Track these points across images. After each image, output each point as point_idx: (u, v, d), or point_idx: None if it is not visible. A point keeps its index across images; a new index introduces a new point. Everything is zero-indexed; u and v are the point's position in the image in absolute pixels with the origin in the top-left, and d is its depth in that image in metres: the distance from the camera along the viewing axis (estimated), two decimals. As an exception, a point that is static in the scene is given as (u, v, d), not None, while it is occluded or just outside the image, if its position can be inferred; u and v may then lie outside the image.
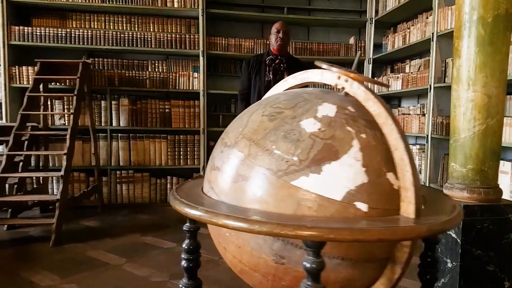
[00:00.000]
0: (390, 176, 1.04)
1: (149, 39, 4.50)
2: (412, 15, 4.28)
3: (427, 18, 3.79)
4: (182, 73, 4.63)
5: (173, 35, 4.53)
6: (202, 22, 4.47)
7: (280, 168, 1.01)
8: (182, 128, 4.63)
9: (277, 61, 3.14)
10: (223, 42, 4.63)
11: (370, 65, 4.70)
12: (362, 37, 5.02)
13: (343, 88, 1.17)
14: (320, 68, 1.23)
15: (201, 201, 1.09)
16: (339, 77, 1.17)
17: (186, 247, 1.32)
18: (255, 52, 4.64)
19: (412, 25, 4.11)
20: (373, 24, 4.75)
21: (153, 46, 4.51)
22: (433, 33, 3.56)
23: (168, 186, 4.64)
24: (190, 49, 4.55)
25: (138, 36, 4.49)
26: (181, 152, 4.65)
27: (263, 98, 1.41)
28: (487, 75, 2.03)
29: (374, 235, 0.88)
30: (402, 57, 4.66)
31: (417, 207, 1.01)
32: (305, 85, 1.37)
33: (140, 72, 4.56)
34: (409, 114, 4.26)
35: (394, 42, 4.36)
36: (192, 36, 4.55)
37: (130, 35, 4.47)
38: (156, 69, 4.69)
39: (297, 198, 0.98)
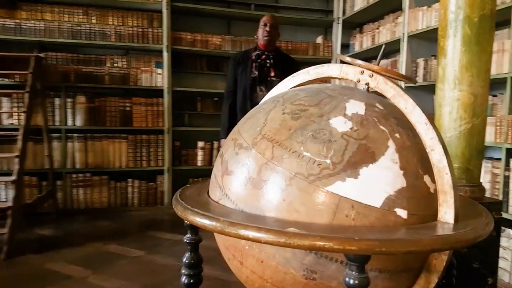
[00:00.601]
0: (426, 179, 0.96)
1: (108, 32, 4.23)
2: (379, 16, 4.32)
3: (396, 18, 3.83)
4: (144, 69, 4.39)
5: (134, 29, 4.29)
6: (167, 16, 4.26)
7: (311, 172, 0.89)
8: (144, 127, 4.39)
9: (263, 56, 2.91)
10: (189, 37, 4.45)
11: (337, 65, 4.70)
12: (328, 37, 5.02)
13: (367, 84, 1.07)
14: (344, 62, 1.13)
15: (218, 211, 0.96)
16: (362, 72, 1.08)
17: (187, 261, 1.17)
18: (222, 49, 4.50)
19: (381, 26, 4.15)
20: (340, 24, 4.76)
21: (112, 40, 4.24)
22: (403, 34, 3.60)
23: (129, 189, 4.37)
24: (153, 43, 4.32)
25: (96, 29, 4.21)
26: (143, 153, 4.41)
27: (271, 95, 1.29)
28: (473, 75, 2.03)
29: (427, 246, 0.80)
30: (368, 57, 4.70)
31: (456, 212, 0.94)
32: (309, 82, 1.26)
33: (98, 68, 4.28)
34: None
35: (362, 42, 4.38)
36: (155, 30, 4.33)
37: (87, 28, 4.18)
38: (116, 65, 4.41)
39: (332, 206, 0.87)
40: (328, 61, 4.79)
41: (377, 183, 0.89)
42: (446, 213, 0.94)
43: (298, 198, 0.89)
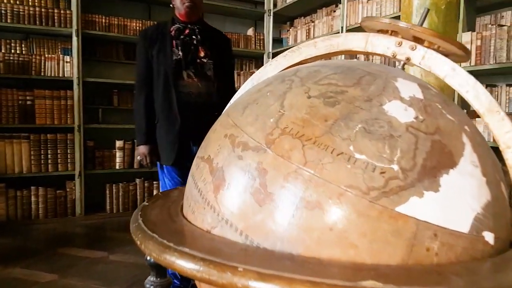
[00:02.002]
0: (502, 187, 0.70)
1: (3, 12, 3.52)
2: (311, 10, 4.19)
3: (334, 11, 3.70)
4: (49, 56, 3.74)
5: (36, 9, 3.62)
6: (76, -5, 3.67)
7: (372, 184, 0.59)
8: (50, 124, 3.73)
9: (186, 31, 2.21)
10: (104, 20, 3.88)
11: (270, 60, 4.48)
12: (258, 29, 4.78)
13: (407, 60, 0.80)
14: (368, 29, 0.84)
15: (225, 250, 0.60)
16: (399, 43, 0.80)
17: (152, 316, 0.80)
18: (144, 36, 4.01)
19: (316, 19, 4.00)
20: (271, 17, 4.53)
21: (8, 21, 3.53)
22: (342, 27, 3.47)
23: (32, 199, 3.68)
24: (59, 27, 3.69)
25: (-15, 6, 3.47)
26: (49, 156, 3.75)
27: (254, 81, 0.96)
28: (440, 66, 1.91)
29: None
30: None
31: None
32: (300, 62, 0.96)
33: (-10, 53, 3.54)
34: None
35: (297, 36, 4.21)
36: (62, 12, 3.70)
37: (-27, 4, 3.42)
38: (13, 50, 3.70)
39: (408, 235, 0.58)
40: (261, 55, 4.55)
41: (463, 198, 0.61)
42: (531, 233, 0.70)
43: (354, 226, 0.58)
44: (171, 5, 2.28)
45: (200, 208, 0.72)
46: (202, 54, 2.21)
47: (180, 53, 2.17)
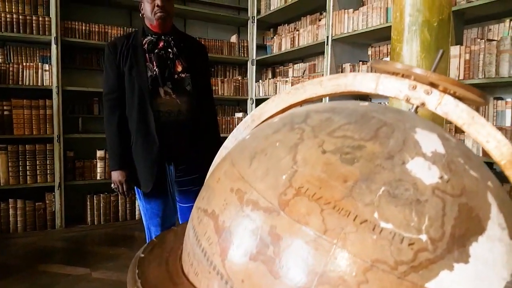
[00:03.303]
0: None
1: (-24, 17, 3.37)
2: (296, 17, 4.16)
3: (320, 20, 3.67)
4: (27, 64, 3.61)
5: (14, 16, 3.49)
6: (55, 1, 3.55)
7: (400, 258, 0.54)
8: (29, 135, 3.62)
9: (161, 43, 2.05)
10: (84, 28, 3.79)
11: (254, 67, 4.44)
12: (241, 36, 4.73)
13: (422, 105, 0.76)
14: (380, 70, 0.79)
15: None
16: (414, 87, 0.75)
17: None
18: (126, 44, 3.90)
19: (301, 28, 3.97)
20: (255, 24, 4.49)
21: (-17, 28, 3.39)
22: (327, 37, 3.44)
23: (11, 211, 3.56)
24: (38, 34, 3.56)
25: (-42, 11, 3.31)
26: (28, 167, 3.64)
27: (255, 117, 0.90)
28: (433, 84, 1.89)
29: None
30: (283, 60, 4.52)
31: None
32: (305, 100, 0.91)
33: (-37, 61, 3.39)
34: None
35: (281, 44, 4.17)
36: (40, 19, 3.58)
37: None
38: (-12, 58, 3.55)
39: (439, 315, 0.53)
40: (245, 62, 4.49)
41: (492, 267, 0.57)
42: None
43: (382, 306, 0.53)
44: (140, 15, 2.13)
45: (205, 271, 0.66)
46: (179, 68, 2.08)
47: (156, 69, 2.02)
